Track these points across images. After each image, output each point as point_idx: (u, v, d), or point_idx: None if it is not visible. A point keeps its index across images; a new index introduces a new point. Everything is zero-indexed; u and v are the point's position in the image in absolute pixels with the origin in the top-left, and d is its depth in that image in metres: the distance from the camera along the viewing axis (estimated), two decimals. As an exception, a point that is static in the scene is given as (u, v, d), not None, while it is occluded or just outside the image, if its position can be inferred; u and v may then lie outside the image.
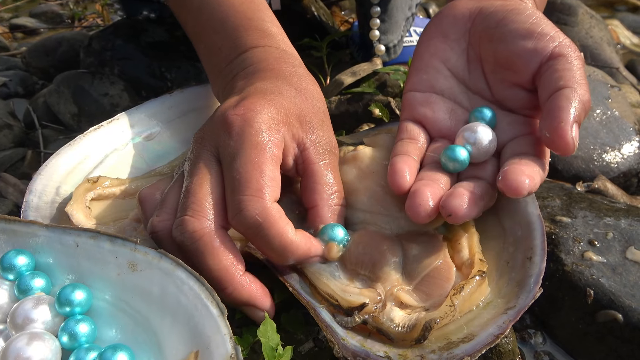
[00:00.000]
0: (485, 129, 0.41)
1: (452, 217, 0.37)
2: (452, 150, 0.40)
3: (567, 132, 0.36)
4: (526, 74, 0.40)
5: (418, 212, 0.38)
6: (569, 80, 0.38)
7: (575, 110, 0.36)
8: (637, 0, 1.35)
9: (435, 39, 0.45)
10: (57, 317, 0.36)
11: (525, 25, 0.40)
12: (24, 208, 0.44)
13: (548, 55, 0.39)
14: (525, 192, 0.36)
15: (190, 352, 0.33)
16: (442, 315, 0.36)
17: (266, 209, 0.35)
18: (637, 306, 0.42)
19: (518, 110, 0.42)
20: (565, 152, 0.37)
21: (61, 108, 0.80)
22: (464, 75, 0.45)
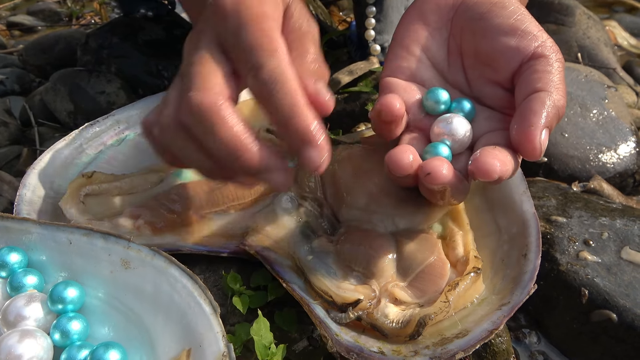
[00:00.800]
0: (460, 120, 0.40)
1: (430, 175, 0.35)
2: (436, 147, 0.39)
3: (535, 137, 0.35)
4: (506, 72, 0.40)
5: (401, 159, 0.36)
6: (547, 84, 0.37)
7: (548, 116, 0.36)
8: (634, 2, 1.35)
9: (416, 24, 0.43)
10: (49, 315, 0.36)
11: (509, 21, 0.39)
12: (17, 202, 0.44)
13: (530, 55, 0.38)
14: (496, 175, 0.34)
15: (183, 349, 0.33)
16: (437, 312, 0.36)
17: (281, 64, 0.33)
18: (632, 306, 0.43)
19: (496, 107, 0.42)
20: (531, 156, 0.36)
21: (57, 106, 0.79)
22: (443, 67, 0.44)
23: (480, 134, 0.41)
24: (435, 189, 0.37)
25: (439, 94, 0.41)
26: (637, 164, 0.65)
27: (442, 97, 0.41)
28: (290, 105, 0.33)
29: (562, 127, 0.65)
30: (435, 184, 0.36)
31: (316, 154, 0.34)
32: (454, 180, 0.36)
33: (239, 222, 0.46)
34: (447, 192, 0.37)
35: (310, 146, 0.34)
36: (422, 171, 0.36)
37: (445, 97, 0.41)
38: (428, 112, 0.42)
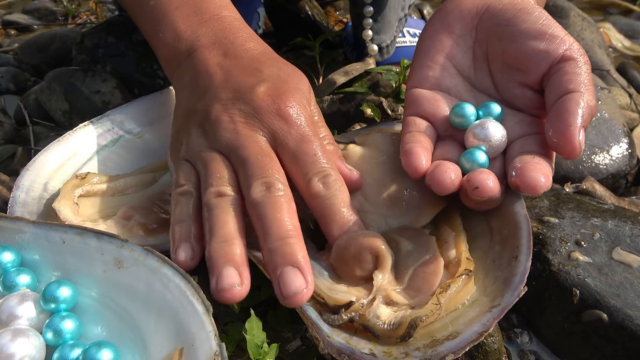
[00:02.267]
0: (495, 125, 0.40)
1: (478, 189, 0.36)
2: (472, 154, 0.40)
3: (575, 136, 0.36)
4: (535, 74, 0.41)
5: (443, 179, 0.37)
6: (578, 85, 0.38)
7: (583, 115, 0.37)
8: (629, 4, 1.36)
9: (441, 34, 0.44)
10: (42, 314, 0.36)
11: (536, 26, 0.40)
12: (11, 203, 0.44)
13: (559, 58, 0.39)
14: (542, 191, 0.36)
15: (175, 349, 0.33)
16: (428, 314, 0.37)
17: (339, 178, 0.40)
18: (622, 306, 0.43)
19: (525, 110, 0.42)
20: (571, 155, 0.37)
21: (52, 105, 0.79)
22: (469, 73, 0.44)
23: (513, 139, 0.41)
24: (481, 201, 0.38)
25: (465, 109, 0.41)
26: (630, 166, 0.65)
27: (468, 111, 0.41)
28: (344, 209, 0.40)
29: (555, 129, 0.65)
30: (482, 197, 0.37)
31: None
32: (500, 192, 0.37)
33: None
34: (491, 201, 0.38)
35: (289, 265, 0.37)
36: (470, 185, 0.37)
37: (471, 111, 0.41)
38: (455, 127, 0.42)
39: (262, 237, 0.37)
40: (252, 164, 0.39)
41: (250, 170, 0.39)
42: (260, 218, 0.37)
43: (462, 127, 0.42)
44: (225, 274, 0.35)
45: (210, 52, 0.44)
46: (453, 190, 0.38)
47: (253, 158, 0.39)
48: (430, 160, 0.41)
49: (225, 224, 0.37)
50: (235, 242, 0.37)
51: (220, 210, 0.38)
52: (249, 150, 0.39)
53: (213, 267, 0.36)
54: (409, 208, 0.43)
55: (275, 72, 0.44)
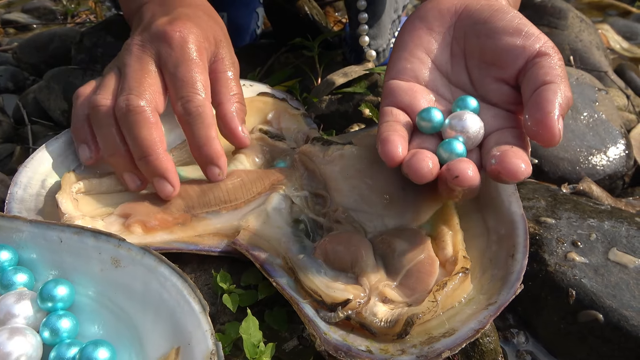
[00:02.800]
0: (472, 117, 0.41)
1: (458, 178, 0.37)
2: (450, 144, 0.40)
3: (554, 123, 0.37)
4: (512, 69, 0.42)
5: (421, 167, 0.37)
6: (555, 77, 0.39)
7: (561, 104, 0.38)
8: (627, 5, 1.36)
9: (420, 30, 0.46)
10: (39, 313, 0.36)
11: (512, 24, 0.42)
12: (8, 200, 0.44)
13: (535, 53, 0.41)
14: (522, 177, 0.36)
15: (172, 348, 0.33)
16: (425, 311, 0.37)
17: (205, 105, 0.46)
18: (618, 307, 0.43)
19: (501, 104, 0.43)
20: (551, 142, 0.37)
21: (51, 104, 0.79)
22: (447, 69, 0.46)
23: (489, 132, 0.42)
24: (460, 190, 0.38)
25: (432, 113, 0.42)
26: (627, 167, 0.65)
27: (434, 116, 0.42)
28: (204, 136, 0.45)
29: (552, 130, 0.66)
30: (462, 186, 0.37)
31: (217, 170, 0.46)
32: (477, 181, 0.37)
33: (231, 221, 0.46)
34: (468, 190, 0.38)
35: (213, 165, 0.46)
36: (450, 174, 0.37)
37: (438, 116, 0.42)
38: (422, 132, 0.43)
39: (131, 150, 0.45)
40: (127, 79, 0.46)
41: (124, 84, 0.46)
42: (125, 132, 0.45)
43: (428, 131, 0.43)
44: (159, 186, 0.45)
45: (150, 5, 0.53)
46: (431, 178, 0.38)
47: (130, 74, 0.46)
48: (407, 148, 0.41)
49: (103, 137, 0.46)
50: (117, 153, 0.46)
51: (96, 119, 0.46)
52: (130, 68, 0.47)
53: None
54: (406, 208, 0.43)
55: (186, 12, 0.50)
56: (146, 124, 0.44)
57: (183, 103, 0.46)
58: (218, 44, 0.51)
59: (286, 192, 0.47)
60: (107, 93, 0.46)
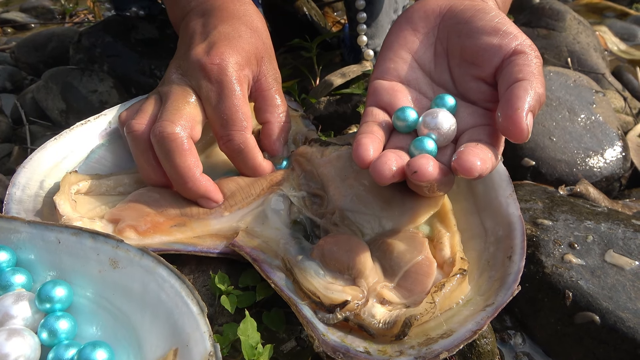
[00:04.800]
0: (445, 114, 0.42)
1: (417, 174, 0.37)
2: (421, 142, 0.41)
3: (522, 119, 0.37)
4: (489, 67, 0.43)
5: (382, 170, 0.38)
6: (527, 74, 0.40)
7: (531, 101, 0.38)
8: (625, 7, 1.37)
9: (405, 30, 0.47)
10: (37, 314, 0.36)
11: (491, 24, 0.43)
12: (7, 201, 0.44)
13: (511, 52, 0.42)
14: (476, 174, 0.37)
15: (170, 349, 0.33)
16: (423, 312, 0.37)
17: (247, 140, 0.47)
18: (614, 308, 0.43)
19: (479, 102, 0.44)
20: (518, 138, 0.38)
21: (49, 104, 0.79)
22: (429, 68, 0.47)
23: (464, 129, 0.43)
24: (422, 185, 0.39)
25: (407, 113, 0.43)
26: (624, 169, 0.65)
27: (409, 116, 0.43)
28: (252, 166, 0.48)
29: (550, 131, 0.66)
30: (422, 182, 0.38)
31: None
32: (439, 177, 0.38)
33: (229, 222, 0.46)
34: (434, 185, 0.39)
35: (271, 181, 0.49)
36: (409, 169, 0.38)
37: (413, 116, 0.43)
38: (398, 130, 0.44)
39: (169, 177, 0.46)
40: (165, 107, 0.46)
41: (162, 112, 0.46)
42: (160, 159, 0.46)
43: (403, 131, 0.44)
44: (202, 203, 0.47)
45: (192, 16, 0.52)
46: (392, 179, 0.38)
47: (169, 102, 0.47)
48: (379, 150, 0.42)
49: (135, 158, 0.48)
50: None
51: (132, 145, 0.48)
52: (169, 96, 0.47)
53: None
54: (403, 209, 0.43)
55: (226, 31, 0.49)
56: (180, 151, 0.44)
57: (224, 142, 0.47)
58: (260, 62, 0.50)
59: (284, 192, 0.48)
60: (144, 118, 0.47)
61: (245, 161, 0.48)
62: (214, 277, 0.42)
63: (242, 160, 0.48)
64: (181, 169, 0.44)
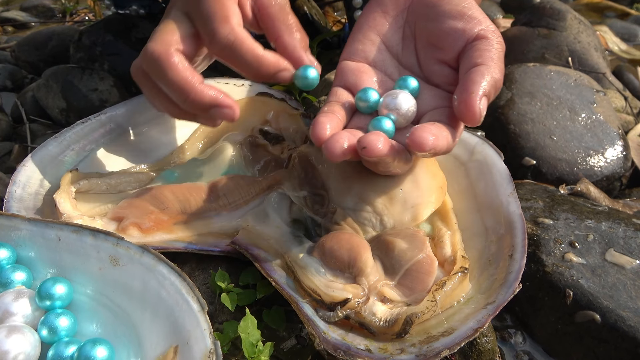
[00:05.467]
0: (405, 96, 0.42)
1: (366, 149, 0.37)
2: (379, 121, 0.42)
3: (475, 103, 0.38)
4: (452, 51, 0.43)
5: (333, 148, 0.38)
6: (486, 59, 0.40)
7: (486, 86, 0.39)
8: (625, 7, 1.37)
9: (376, 13, 0.47)
10: (37, 311, 0.36)
11: (457, 8, 0.43)
12: (7, 199, 0.44)
13: (474, 36, 0.42)
14: (428, 149, 0.37)
15: (170, 346, 0.33)
16: (424, 310, 0.37)
17: (234, 30, 0.41)
18: (615, 307, 0.43)
19: (442, 85, 0.45)
20: (471, 121, 0.39)
21: (50, 103, 0.79)
22: (397, 50, 0.47)
23: (426, 110, 0.44)
24: (371, 161, 0.39)
25: (369, 94, 0.43)
26: (624, 168, 0.65)
27: (371, 97, 0.43)
28: (251, 61, 0.41)
29: (551, 131, 0.66)
30: (370, 157, 0.38)
31: (287, 74, 0.43)
32: (389, 153, 0.38)
33: (230, 221, 0.46)
34: (387, 162, 0.39)
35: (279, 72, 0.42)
36: (359, 145, 0.38)
37: (374, 97, 0.43)
38: (360, 111, 0.44)
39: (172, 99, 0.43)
40: (151, 36, 0.43)
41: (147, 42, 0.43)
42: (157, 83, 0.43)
43: (365, 111, 0.44)
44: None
45: None
46: (343, 157, 0.39)
47: (155, 30, 0.43)
48: (337, 129, 0.42)
49: None
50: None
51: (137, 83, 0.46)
52: (159, 26, 0.43)
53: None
54: (404, 208, 0.43)
55: None
56: (169, 65, 0.40)
57: (210, 40, 0.41)
58: None
59: (285, 191, 0.47)
60: (140, 57, 0.44)
61: (242, 56, 0.41)
62: (214, 275, 0.42)
63: (238, 57, 0.41)
64: (178, 83, 0.40)
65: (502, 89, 0.71)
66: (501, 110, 0.68)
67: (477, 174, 0.48)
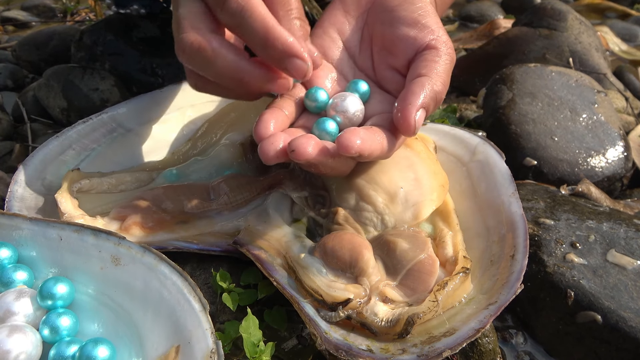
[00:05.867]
0: (353, 99, 0.43)
1: (294, 152, 0.37)
2: (323, 123, 0.42)
3: (411, 115, 0.38)
4: (403, 59, 0.43)
5: (267, 150, 0.38)
6: (430, 71, 0.40)
7: (425, 97, 0.39)
8: (626, 8, 1.37)
9: (337, 10, 0.47)
10: (38, 311, 0.36)
11: (413, 15, 0.43)
12: (9, 198, 0.44)
13: (424, 46, 0.42)
14: (353, 152, 0.37)
15: (172, 346, 0.33)
16: (425, 310, 0.37)
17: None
18: (616, 308, 0.43)
19: (392, 92, 0.45)
20: (405, 132, 0.39)
21: (50, 102, 0.79)
22: (354, 52, 0.47)
23: (372, 114, 0.44)
24: (302, 164, 0.39)
25: (318, 94, 0.43)
26: (625, 169, 0.65)
27: (320, 96, 0.43)
28: (262, 27, 0.37)
29: (552, 131, 0.66)
30: (299, 160, 0.38)
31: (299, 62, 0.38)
32: (319, 157, 0.38)
33: (231, 221, 0.46)
34: (317, 165, 0.39)
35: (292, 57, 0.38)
36: (289, 147, 0.38)
37: (323, 97, 0.43)
38: (309, 110, 0.44)
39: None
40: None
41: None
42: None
43: (313, 111, 0.44)
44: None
45: None
46: (276, 159, 0.38)
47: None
48: (282, 126, 0.41)
49: None
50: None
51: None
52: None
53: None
54: (406, 206, 0.43)
55: None
56: (214, 56, 0.38)
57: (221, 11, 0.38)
58: None
59: (286, 192, 0.47)
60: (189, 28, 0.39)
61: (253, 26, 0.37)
62: (215, 275, 0.42)
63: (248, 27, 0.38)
64: (228, 69, 0.38)
65: (503, 89, 0.71)
66: (502, 111, 0.68)
67: (479, 174, 0.48)
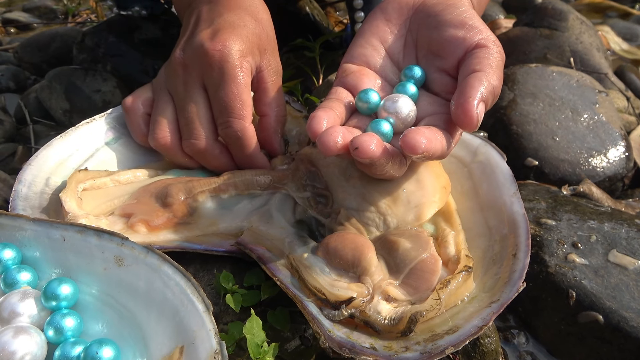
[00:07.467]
0: (406, 100, 0.43)
1: (358, 150, 0.37)
2: (378, 124, 0.42)
3: (472, 108, 0.38)
4: (452, 59, 0.44)
5: (327, 141, 0.38)
6: (485, 66, 0.41)
7: (484, 91, 0.39)
8: (627, 7, 1.37)
9: (379, 20, 0.48)
10: (43, 311, 0.36)
11: (459, 17, 0.44)
12: (13, 197, 0.44)
13: (474, 45, 0.43)
14: (420, 151, 0.37)
15: (176, 347, 0.34)
16: (428, 309, 0.37)
17: (245, 128, 0.49)
18: (618, 308, 0.43)
19: (441, 94, 0.45)
20: (468, 126, 0.39)
21: (53, 104, 0.79)
22: (398, 58, 0.48)
23: (423, 116, 0.44)
24: (363, 163, 0.39)
25: (370, 95, 0.44)
26: (627, 169, 0.66)
27: (372, 98, 0.44)
28: (248, 155, 0.50)
29: (553, 131, 0.66)
30: (362, 158, 0.38)
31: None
32: (382, 156, 0.38)
33: (235, 221, 0.46)
34: (380, 165, 0.39)
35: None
36: (351, 145, 0.38)
37: (375, 98, 0.44)
38: (360, 112, 0.45)
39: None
40: (183, 117, 0.49)
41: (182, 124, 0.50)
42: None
43: (365, 112, 0.44)
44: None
45: (198, 3, 0.53)
46: (336, 152, 0.38)
47: (183, 108, 0.49)
48: (335, 124, 0.42)
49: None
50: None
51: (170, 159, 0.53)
52: (180, 97, 0.50)
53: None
54: (408, 207, 0.43)
55: (231, 20, 0.50)
56: (213, 159, 0.50)
57: (223, 129, 0.49)
58: (263, 54, 0.51)
59: (289, 192, 0.48)
60: (164, 129, 0.50)
61: (242, 149, 0.49)
62: (218, 276, 0.42)
63: (239, 149, 0.49)
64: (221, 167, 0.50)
65: (504, 89, 0.71)
66: (503, 111, 0.69)
67: (480, 174, 0.48)
